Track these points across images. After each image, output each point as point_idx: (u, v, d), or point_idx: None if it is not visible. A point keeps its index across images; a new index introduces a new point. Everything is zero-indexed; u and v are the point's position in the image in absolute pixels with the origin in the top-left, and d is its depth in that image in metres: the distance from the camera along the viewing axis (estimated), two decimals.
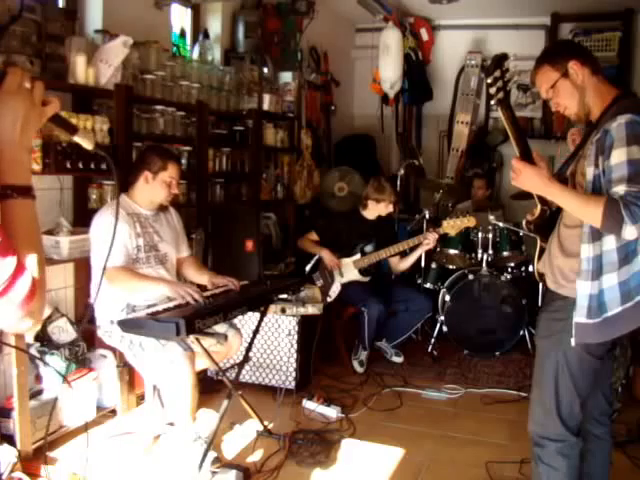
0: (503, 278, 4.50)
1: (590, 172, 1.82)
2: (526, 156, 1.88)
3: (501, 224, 4.58)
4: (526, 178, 1.85)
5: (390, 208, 4.25)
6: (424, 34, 6.40)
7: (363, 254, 4.24)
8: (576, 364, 1.93)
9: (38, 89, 1.09)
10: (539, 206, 2.05)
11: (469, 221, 4.11)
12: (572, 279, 1.88)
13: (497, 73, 1.85)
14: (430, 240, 4.11)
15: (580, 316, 1.84)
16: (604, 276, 1.81)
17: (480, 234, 4.56)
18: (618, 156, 1.73)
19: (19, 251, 0.98)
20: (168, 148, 3.28)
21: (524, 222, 2.17)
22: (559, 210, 2.02)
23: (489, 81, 1.86)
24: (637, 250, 1.81)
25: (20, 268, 0.97)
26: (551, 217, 2.07)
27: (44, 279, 1.03)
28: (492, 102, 1.89)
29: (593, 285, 1.81)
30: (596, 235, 1.80)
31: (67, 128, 1.23)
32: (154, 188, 2.92)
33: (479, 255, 4.59)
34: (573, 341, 1.86)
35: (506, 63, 1.87)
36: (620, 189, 1.71)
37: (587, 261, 1.82)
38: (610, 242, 1.79)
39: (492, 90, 1.86)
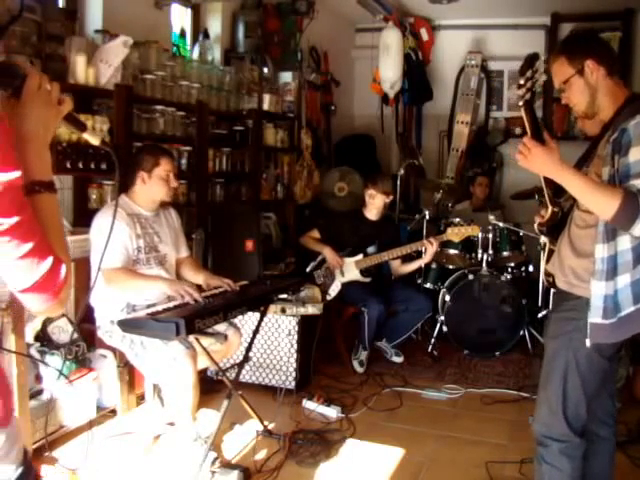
0: (503, 278, 4.50)
1: (606, 171, 1.80)
2: (537, 136, 1.82)
3: (501, 224, 4.59)
4: (536, 158, 1.78)
5: (387, 199, 4.26)
6: (424, 34, 6.40)
7: (365, 255, 4.25)
8: (586, 364, 1.91)
9: (55, 89, 1.13)
10: (550, 208, 2.02)
11: (473, 230, 4.23)
12: (586, 279, 1.86)
13: (529, 73, 1.83)
14: (431, 250, 4.13)
15: (595, 316, 1.81)
16: (619, 276, 1.79)
17: (480, 234, 4.56)
18: (637, 153, 1.70)
19: (52, 245, 1.03)
20: (158, 145, 3.28)
21: (535, 225, 2.14)
22: (569, 211, 2.00)
23: (521, 82, 1.83)
24: None
25: (58, 262, 1.03)
26: (562, 219, 2.04)
27: (70, 268, 1.07)
28: (519, 103, 1.84)
29: (608, 285, 1.79)
30: (611, 235, 1.78)
31: (78, 125, 1.26)
32: (152, 186, 2.92)
33: (479, 255, 4.59)
34: (588, 342, 1.84)
35: (537, 63, 1.84)
36: (638, 183, 1.68)
37: (602, 261, 1.79)
38: (625, 242, 1.77)
39: (521, 91, 1.83)
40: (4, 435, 1.05)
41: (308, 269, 4.22)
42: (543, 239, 2.23)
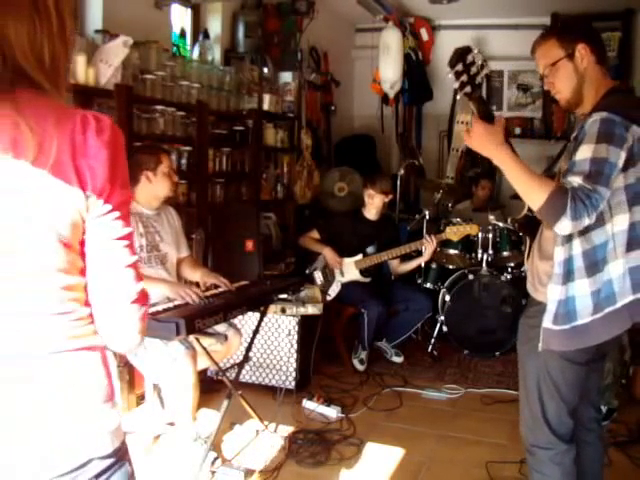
0: (503, 278, 4.50)
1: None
2: (486, 118, 1.76)
3: (501, 224, 4.58)
4: (477, 136, 1.73)
5: (386, 199, 4.26)
6: (424, 34, 6.41)
7: (365, 255, 4.25)
8: (557, 372, 1.85)
9: None
10: (526, 206, 1.96)
11: (471, 229, 4.25)
12: (545, 283, 1.81)
13: (459, 67, 1.77)
14: (430, 249, 4.15)
15: (547, 321, 1.76)
16: (574, 282, 1.72)
17: (480, 234, 4.56)
18: (584, 152, 1.64)
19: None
20: (153, 144, 3.31)
21: (509, 219, 2.11)
22: None
23: (450, 76, 1.78)
24: (607, 259, 1.70)
25: (145, 291, 1.12)
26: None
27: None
28: (458, 96, 1.83)
29: (562, 290, 1.73)
30: (568, 237, 1.71)
31: None
32: (158, 184, 2.95)
33: (479, 255, 4.58)
34: (540, 346, 1.79)
35: (469, 56, 1.79)
36: (574, 180, 1.61)
37: (558, 264, 1.74)
38: (577, 246, 1.71)
39: (456, 85, 1.78)
40: (117, 409, 1.11)
41: (308, 270, 4.22)
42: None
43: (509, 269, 4.67)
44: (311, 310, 3.64)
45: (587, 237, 1.70)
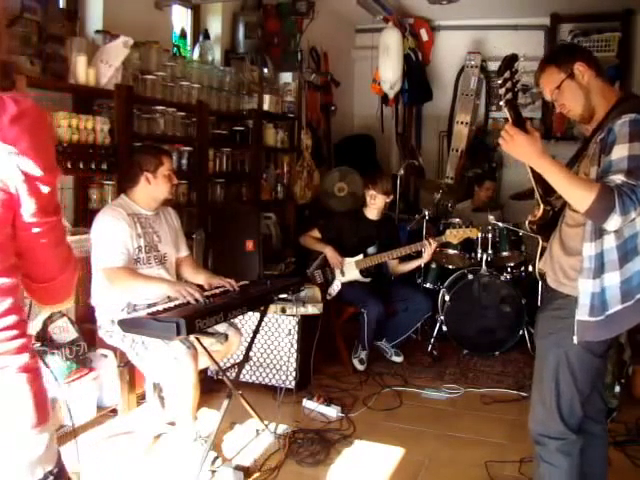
0: (502, 278, 4.50)
1: (594, 171, 1.83)
2: (519, 125, 1.86)
3: (500, 224, 4.59)
4: (518, 145, 1.83)
5: (387, 199, 4.27)
6: (424, 34, 6.42)
7: (365, 255, 4.25)
8: (577, 362, 1.93)
9: None
10: (542, 206, 2.04)
11: (472, 232, 4.25)
12: (574, 277, 1.89)
13: (507, 74, 1.88)
14: (430, 251, 4.15)
15: (583, 314, 1.84)
16: (606, 274, 1.82)
17: (480, 234, 4.57)
18: (619, 151, 1.74)
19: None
20: (155, 145, 3.33)
21: (527, 222, 2.17)
22: (561, 210, 2.02)
23: (500, 82, 1.88)
24: (638, 249, 1.82)
25: (76, 264, 1.19)
26: (553, 217, 2.07)
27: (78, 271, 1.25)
28: (501, 103, 1.90)
29: (595, 283, 1.82)
30: (597, 233, 1.81)
31: None
32: (157, 185, 2.95)
33: (479, 255, 4.59)
34: (575, 339, 1.87)
35: (516, 64, 1.90)
36: (617, 178, 1.72)
37: (589, 259, 1.83)
38: (610, 240, 1.81)
39: (502, 91, 1.88)
40: (48, 433, 1.04)
41: (310, 269, 4.23)
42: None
43: (508, 269, 4.68)
44: (311, 310, 3.65)
45: (619, 231, 1.80)
